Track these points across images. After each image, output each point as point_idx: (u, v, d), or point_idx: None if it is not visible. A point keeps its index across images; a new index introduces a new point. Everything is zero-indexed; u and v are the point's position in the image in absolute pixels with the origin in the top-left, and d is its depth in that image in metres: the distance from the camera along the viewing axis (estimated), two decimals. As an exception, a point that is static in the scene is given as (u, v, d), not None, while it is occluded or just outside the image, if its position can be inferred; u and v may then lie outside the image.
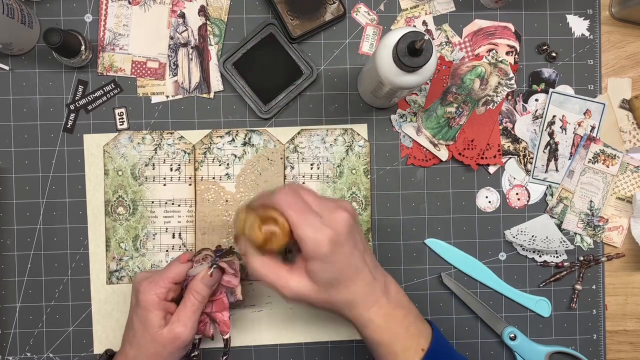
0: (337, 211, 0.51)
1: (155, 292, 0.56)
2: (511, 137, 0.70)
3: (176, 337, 0.55)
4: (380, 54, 0.54)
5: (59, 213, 0.67)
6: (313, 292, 0.51)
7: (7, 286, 0.67)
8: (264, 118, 0.68)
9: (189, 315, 0.56)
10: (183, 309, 0.56)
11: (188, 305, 0.56)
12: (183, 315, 0.56)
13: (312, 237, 0.49)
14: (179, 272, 0.58)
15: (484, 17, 0.70)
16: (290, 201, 0.51)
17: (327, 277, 0.51)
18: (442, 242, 0.70)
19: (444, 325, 0.70)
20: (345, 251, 0.51)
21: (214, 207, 0.68)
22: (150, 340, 0.55)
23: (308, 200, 0.52)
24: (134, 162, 0.68)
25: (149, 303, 0.56)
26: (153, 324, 0.55)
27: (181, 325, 0.56)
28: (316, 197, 0.53)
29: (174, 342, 0.55)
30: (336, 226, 0.50)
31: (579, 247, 0.71)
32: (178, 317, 0.56)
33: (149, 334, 0.55)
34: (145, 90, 0.68)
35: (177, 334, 0.55)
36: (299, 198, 0.51)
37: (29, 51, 0.67)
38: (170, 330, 0.55)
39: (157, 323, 0.55)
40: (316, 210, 0.51)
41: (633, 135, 0.71)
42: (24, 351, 0.67)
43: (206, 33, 0.68)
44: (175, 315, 0.56)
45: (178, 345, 0.56)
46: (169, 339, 0.55)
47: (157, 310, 0.56)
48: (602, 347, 0.71)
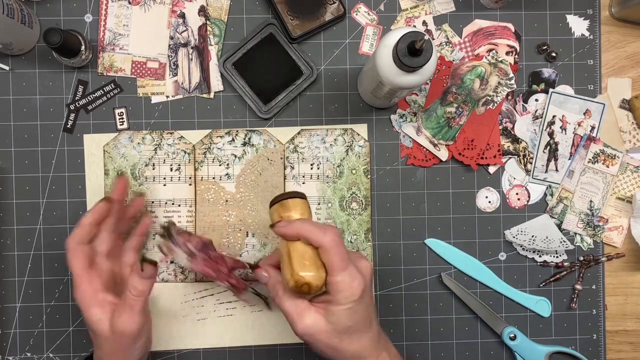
0: (362, 261, 0.52)
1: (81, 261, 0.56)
2: (511, 137, 0.70)
3: (121, 333, 0.55)
4: (380, 54, 0.54)
5: (59, 213, 0.67)
6: (325, 334, 0.51)
7: (7, 286, 0.67)
8: (264, 118, 0.68)
9: (128, 312, 0.55)
10: (122, 305, 0.55)
11: (127, 302, 0.55)
12: (123, 312, 0.55)
13: (350, 285, 0.50)
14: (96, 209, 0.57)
15: (484, 17, 0.70)
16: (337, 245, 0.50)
17: (347, 324, 0.51)
18: (442, 242, 0.70)
19: (444, 325, 0.70)
20: (366, 301, 0.51)
21: (214, 207, 0.68)
22: (104, 338, 0.55)
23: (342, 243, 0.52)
24: (134, 162, 0.68)
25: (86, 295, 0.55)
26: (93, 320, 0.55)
27: (122, 320, 0.54)
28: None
29: (121, 337, 0.55)
30: (366, 275, 0.51)
31: (579, 247, 0.71)
32: (119, 312, 0.55)
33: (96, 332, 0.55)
34: (145, 90, 0.68)
35: (121, 330, 0.55)
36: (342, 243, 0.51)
37: (29, 51, 0.67)
38: (113, 328, 0.55)
39: (97, 318, 0.55)
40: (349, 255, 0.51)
41: (633, 135, 0.71)
42: (24, 351, 0.67)
43: (206, 33, 0.68)
44: (116, 311, 0.55)
45: (128, 340, 0.55)
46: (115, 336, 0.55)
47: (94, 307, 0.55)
48: (602, 347, 0.71)
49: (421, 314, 0.70)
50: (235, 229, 0.68)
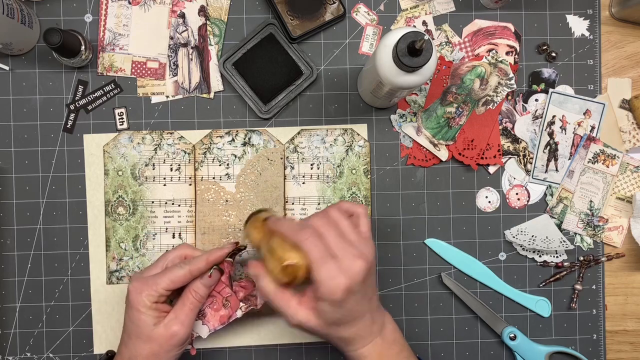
0: (357, 260, 0.51)
1: (147, 293, 0.56)
2: (511, 137, 0.70)
3: (173, 335, 0.56)
4: (380, 54, 0.54)
5: (59, 213, 0.67)
6: (316, 326, 0.53)
7: (7, 286, 0.67)
8: (264, 118, 0.68)
9: (187, 313, 0.56)
10: (181, 308, 0.57)
11: (187, 304, 0.57)
12: (181, 313, 0.56)
13: (328, 283, 0.50)
14: (176, 279, 0.57)
15: (484, 17, 0.70)
16: (313, 241, 0.51)
17: (334, 318, 0.52)
18: (442, 242, 0.70)
19: (444, 325, 0.70)
20: (356, 298, 0.52)
21: (214, 207, 0.68)
22: (147, 339, 0.55)
23: (329, 239, 0.52)
24: (134, 162, 0.68)
25: (140, 305, 0.55)
26: (147, 323, 0.55)
27: (178, 323, 0.56)
28: (341, 235, 0.53)
29: (170, 340, 0.56)
30: (352, 275, 0.51)
31: (579, 247, 0.71)
32: (175, 315, 0.56)
33: (145, 333, 0.55)
34: (145, 90, 0.68)
35: (174, 332, 0.56)
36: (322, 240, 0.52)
37: (29, 51, 0.67)
38: (167, 328, 0.55)
39: (151, 322, 0.55)
40: (337, 252, 0.51)
41: (633, 135, 0.71)
42: (24, 351, 0.67)
43: (206, 33, 0.68)
44: (172, 313, 0.56)
45: (175, 343, 0.56)
46: (165, 337, 0.55)
47: (150, 310, 0.56)
48: (602, 347, 0.71)
49: (421, 314, 0.70)
50: (235, 229, 0.68)
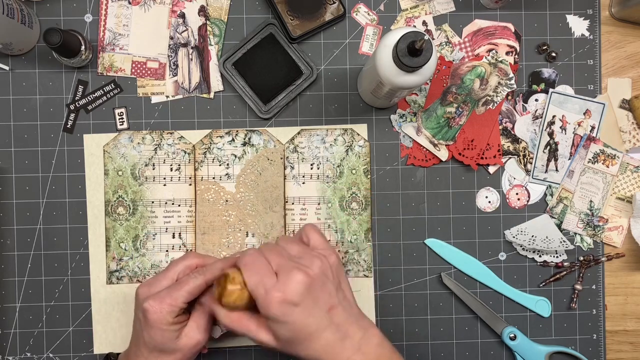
0: (293, 272, 0.51)
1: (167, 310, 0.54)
2: (511, 137, 0.70)
3: (197, 344, 0.56)
4: (380, 54, 0.54)
5: (59, 213, 0.67)
6: (277, 346, 0.53)
7: (7, 286, 0.67)
8: (264, 118, 0.68)
9: (207, 319, 0.57)
10: (200, 315, 0.57)
11: (206, 311, 0.57)
12: (201, 321, 0.57)
13: (263, 298, 0.50)
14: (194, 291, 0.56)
15: (484, 17, 0.70)
16: (249, 261, 0.52)
17: (284, 335, 0.51)
18: (442, 242, 0.70)
19: (444, 325, 0.70)
20: (299, 311, 0.50)
21: (214, 207, 0.68)
22: (171, 352, 0.56)
23: (270, 258, 0.52)
24: (134, 162, 0.68)
25: (162, 323, 0.54)
26: (170, 338, 0.55)
27: (200, 331, 0.56)
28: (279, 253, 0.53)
29: (194, 348, 0.57)
30: (287, 289, 0.50)
31: (579, 247, 0.71)
32: (196, 323, 0.57)
33: (169, 347, 0.55)
34: (145, 90, 0.68)
35: (198, 341, 0.56)
36: (260, 258, 0.52)
37: (29, 51, 0.67)
38: (190, 338, 0.56)
39: (174, 336, 0.55)
40: (277, 269, 0.52)
41: (633, 135, 0.71)
42: (24, 351, 0.67)
43: (206, 33, 0.68)
44: (192, 321, 0.57)
45: (197, 350, 0.57)
46: (189, 347, 0.56)
47: (172, 325, 0.55)
48: (602, 347, 0.71)
49: (421, 314, 0.70)
50: (235, 229, 0.68)
